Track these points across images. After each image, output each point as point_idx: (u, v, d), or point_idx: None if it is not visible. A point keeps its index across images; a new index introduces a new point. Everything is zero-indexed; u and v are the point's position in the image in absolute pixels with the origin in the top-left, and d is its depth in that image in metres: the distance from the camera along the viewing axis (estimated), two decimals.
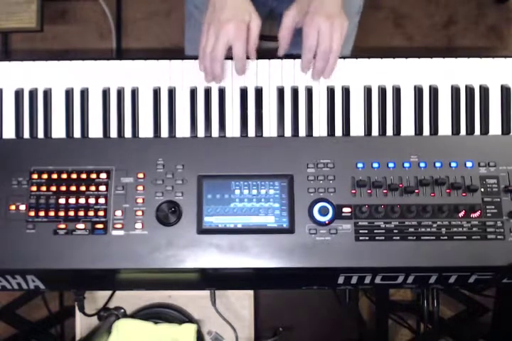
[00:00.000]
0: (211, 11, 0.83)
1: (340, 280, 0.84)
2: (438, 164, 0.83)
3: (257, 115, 0.87)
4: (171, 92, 0.87)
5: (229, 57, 0.87)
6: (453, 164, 0.83)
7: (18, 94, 0.88)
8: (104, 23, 2.02)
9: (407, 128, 0.87)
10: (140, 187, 0.82)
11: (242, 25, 0.80)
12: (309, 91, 0.86)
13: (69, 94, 0.88)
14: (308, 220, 0.81)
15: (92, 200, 0.82)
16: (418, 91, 0.87)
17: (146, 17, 2.03)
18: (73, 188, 0.83)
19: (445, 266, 0.80)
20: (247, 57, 0.84)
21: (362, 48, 1.22)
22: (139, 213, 0.81)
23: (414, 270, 0.81)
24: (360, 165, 0.83)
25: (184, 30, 1.22)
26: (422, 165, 0.83)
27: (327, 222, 0.81)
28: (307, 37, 0.81)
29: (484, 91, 0.87)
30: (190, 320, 1.04)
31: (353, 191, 0.82)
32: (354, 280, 0.84)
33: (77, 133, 0.87)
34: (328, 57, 0.82)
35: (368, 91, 0.87)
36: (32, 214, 0.82)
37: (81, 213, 0.82)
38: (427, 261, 0.80)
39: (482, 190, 0.82)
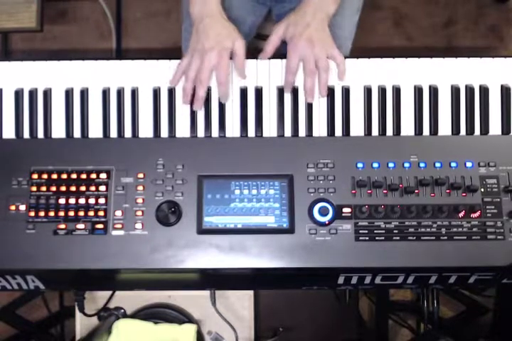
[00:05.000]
0: (195, 37, 0.88)
1: (341, 280, 0.84)
2: (438, 164, 0.83)
3: (256, 115, 0.87)
4: (171, 92, 0.87)
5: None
6: (453, 164, 0.83)
7: (18, 94, 0.88)
8: (104, 23, 2.01)
9: (407, 128, 0.87)
10: (140, 187, 0.82)
11: (224, 52, 0.84)
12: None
13: (69, 94, 0.88)
14: (308, 220, 0.81)
15: (92, 200, 0.82)
16: (418, 92, 0.87)
17: (146, 17, 2.03)
18: (73, 188, 0.83)
19: (445, 266, 0.80)
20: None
21: (362, 48, 1.22)
22: (139, 213, 0.81)
23: (414, 270, 0.81)
24: (360, 165, 0.83)
25: (182, 30, 1.22)
26: (422, 165, 0.83)
27: (327, 222, 0.81)
28: (289, 61, 0.86)
29: (484, 91, 0.87)
30: (190, 320, 1.04)
31: (353, 191, 0.82)
32: (354, 281, 0.84)
33: (77, 133, 0.87)
34: (314, 77, 0.85)
35: (367, 91, 0.87)
36: (32, 214, 0.81)
37: (81, 213, 0.82)
38: (427, 261, 0.80)
39: (482, 190, 0.82)
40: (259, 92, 0.87)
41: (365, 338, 1.35)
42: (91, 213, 0.82)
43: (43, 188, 0.83)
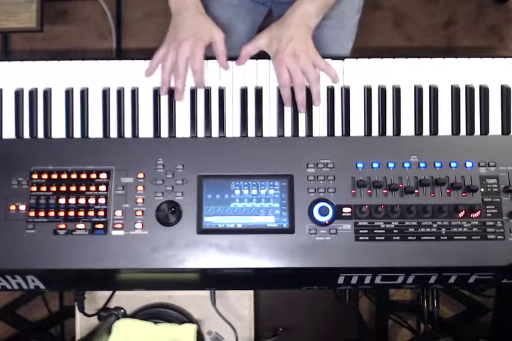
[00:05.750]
0: (172, 29, 0.88)
1: (340, 280, 0.84)
2: (438, 164, 0.83)
3: (256, 115, 0.87)
4: (171, 92, 0.87)
5: (230, 57, 0.87)
6: (453, 164, 0.83)
7: (18, 94, 0.88)
8: (104, 23, 2.02)
9: (407, 128, 0.87)
10: (140, 187, 0.82)
11: (199, 42, 0.84)
12: (309, 91, 0.86)
13: (69, 94, 0.88)
14: (308, 220, 0.81)
15: (92, 200, 0.82)
16: (418, 92, 0.87)
17: (146, 17, 2.03)
18: (73, 188, 0.83)
19: (445, 266, 0.80)
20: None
21: (362, 48, 1.22)
22: (139, 213, 0.81)
23: (414, 270, 0.81)
24: (360, 165, 0.83)
25: None
26: (422, 165, 0.83)
27: (327, 222, 0.81)
28: (279, 77, 0.85)
29: (484, 91, 0.87)
30: (190, 320, 1.04)
31: (353, 191, 0.82)
32: (354, 281, 0.84)
33: (77, 133, 0.87)
34: (304, 90, 0.85)
35: (367, 91, 0.87)
36: (32, 214, 0.81)
37: (81, 213, 0.82)
38: (427, 261, 0.80)
39: (482, 190, 0.82)
40: (259, 92, 0.87)
41: (365, 338, 1.35)
42: (91, 213, 0.82)
43: (43, 188, 0.83)
